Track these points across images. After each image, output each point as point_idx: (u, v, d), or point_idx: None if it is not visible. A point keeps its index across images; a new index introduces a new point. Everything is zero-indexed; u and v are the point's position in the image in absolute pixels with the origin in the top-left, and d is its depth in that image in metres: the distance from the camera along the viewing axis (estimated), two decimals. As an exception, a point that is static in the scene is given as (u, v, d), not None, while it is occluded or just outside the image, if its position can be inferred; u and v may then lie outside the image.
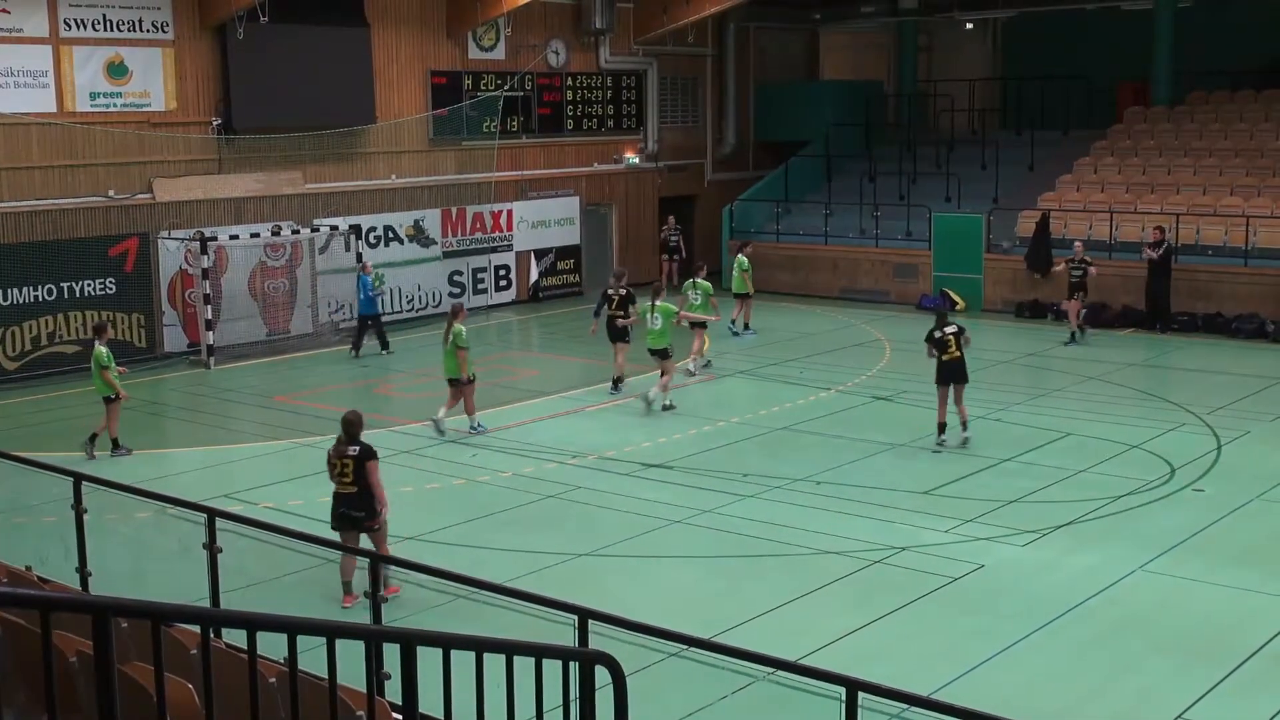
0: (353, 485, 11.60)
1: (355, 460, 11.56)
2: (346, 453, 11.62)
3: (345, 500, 11.65)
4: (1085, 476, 15.43)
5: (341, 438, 11.75)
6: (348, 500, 11.64)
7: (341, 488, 11.66)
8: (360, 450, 11.61)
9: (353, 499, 11.61)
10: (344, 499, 11.66)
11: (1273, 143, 27.94)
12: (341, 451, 11.65)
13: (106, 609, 3.95)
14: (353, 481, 11.59)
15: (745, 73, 34.42)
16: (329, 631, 4.73)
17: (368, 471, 11.57)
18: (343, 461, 11.61)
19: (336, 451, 11.71)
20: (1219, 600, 11.74)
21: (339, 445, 11.72)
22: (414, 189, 27.39)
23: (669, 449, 16.97)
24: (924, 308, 28.05)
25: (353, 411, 11.96)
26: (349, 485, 11.61)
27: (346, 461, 11.59)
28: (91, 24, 22.36)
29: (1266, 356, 22.51)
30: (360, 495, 11.59)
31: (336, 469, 11.65)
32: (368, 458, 11.59)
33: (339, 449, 11.69)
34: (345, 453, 11.62)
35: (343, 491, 11.66)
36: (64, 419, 19.35)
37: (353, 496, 11.60)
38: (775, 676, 8.29)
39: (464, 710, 5.70)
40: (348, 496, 11.63)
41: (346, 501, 11.64)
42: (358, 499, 11.60)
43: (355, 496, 11.60)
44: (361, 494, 11.59)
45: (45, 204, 22.02)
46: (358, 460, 11.56)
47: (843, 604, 11.70)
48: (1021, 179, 29.78)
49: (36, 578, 8.78)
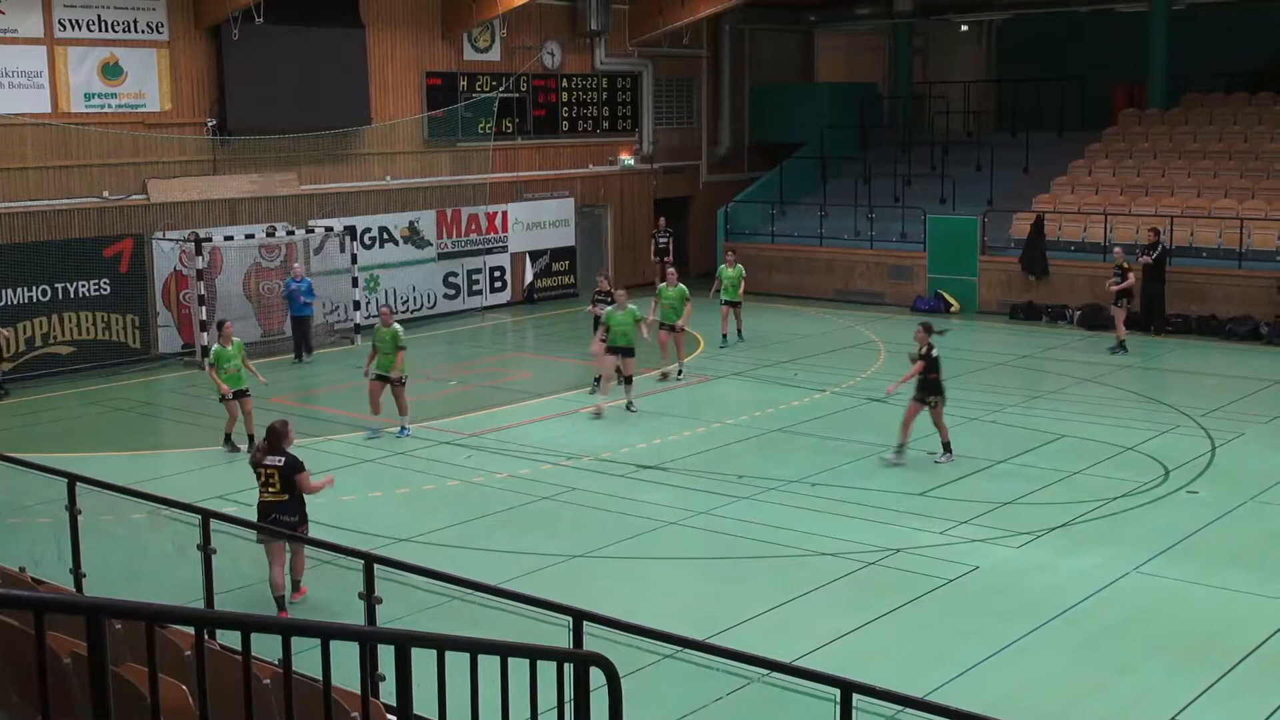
0: (282, 494, 11.46)
1: (280, 471, 11.43)
2: (268, 463, 11.48)
3: (276, 507, 11.49)
4: (1079, 478, 15.44)
5: (262, 446, 11.67)
6: (277, 507, 11.48)
7: (268, 497, 11.51)
8: (286, 462, 11.47)
9: (284, 506, 11.48)
10: (274, 506, 11.50)
11: (1267, 145, 27.98)
12: (260, 460, 11.54)
13: (100, 610, 3.95)
14: (280, 490, 11.45)
15: (740, 74, 34.44)
16: (323, 633, 4.73)
17: (299, 484, 11.48)
18: (266, 471, 11.48)
19: (256, 459, 11.63)
20: (1213, 602, 11.74)
21: (258, 454, 11.63)
22: (409, 190, 27.39)
23: (664, 450, 16.97)
24: (919, 310, 28.09)
25: (280, 421, 11.90)
26: (278, 494, 11.47)
27: (271, 472, 11.46)
28: (86, 24, 22.34)
29: (1260, 358, 22.54)
30: (291, 502, 11.50)
31: (260, 478, 11.52)
32: (295, 471, 11.48)
33: (257, 457, 11.60)
34: (267, 463, 11.48)
35: (269, 499, 11.51)
36: (59, 420, 19.35)
37: (284, 504, 11.48)
38: (770, 678, 8.29)
39: (459, 712, 5.70)
40: (278, 504, 11.49)
41: (276, 508, 11.48)
42: (289, 506, 11.49)
43: (286, 504, 11.49)
44: (293, 501, 11.50)
45: (40, 205, 21.99)
46: (283, 472, 11.44)
47: (837, 605, 11.70)
48: (1016, 181, 29.81)
49: (30, 579, 8.78)
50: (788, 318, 27.30)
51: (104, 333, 22.70)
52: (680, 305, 21.10)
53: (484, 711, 5.67)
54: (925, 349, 16.01)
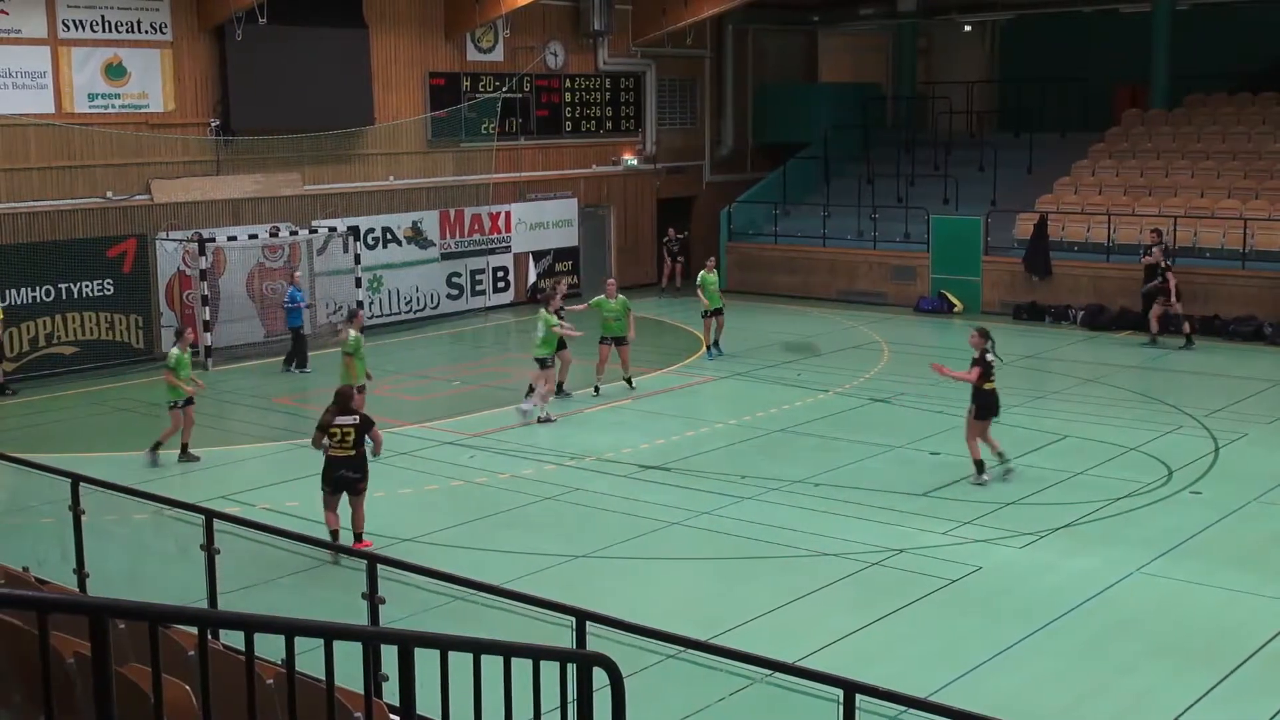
0: (352, 449, 12.59)
1: (356, 428, 12.60)
2: (344, 422, 12.60)
3: (343, 463, 12.57)
4: (1083, 479, 15.43)
5: (332, 408, 12.70)
6: (346, 463, 12.60)
7: (339, 451, 12.62)
8: (362, 419, 12.75)
9: (351, 462, 12.61)
10: (342, 461, 12.63)
11: (1270, 145, 27.96)
12: (331, 421, 12.62)
13: (104, 610, 3.95)
14: (352, 445, 12.58)
15: (743, 74, 34.42)
16: (327, 633, 4.73)
17: (373, 437, 12.87)
18: (342, 429, 12.63)
19: (327, 420, 12.66)
20: (1217, 603, 11.74)
21: (330, 413, 12.66)
22: (412, 190, 27.39)
23: (667, 451, 16.97)
24: (922, 310, 28.10)
25: (346, 386, 13.45)
26: (348, 449, 12.58)
27: (349, 429, 12.63)
28: (90, 25, 22.36)
29: (1264, 359, 22.52)
30: (358, 459, 12.67)
31: (336, 435, 12.57)
32: (369, 427, 12.80)
33: (329, 417, 12.64)
34: (343, 422, 12.60)
35: (341, 455, 12.63)
36: (62, 420, 19.37)
37: (351, 460, 12.61)
38: (773, 678, 8.29)
39: (461, 712, 5.70)
40: (346, 459, 12.64)
41: (345, 464, 12.59)
42: (356, 462, 12.62)
43: (353, 460, 12.61)
44: (358, 458, 12.67)
45: (43, 205, 22.01)
46: (359, 428, 12.68)
47: (840, 606, 11.70)
48: (1019, 181, 29.79)
49: (34, 579, 8.79)
50: (791, 318, 27.28)
51: (107, 333, 22.72)
52: (625, 317, 20.36)
53: (487, 712, 5.67)
54: (981, 354, 15.39)
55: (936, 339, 25.40)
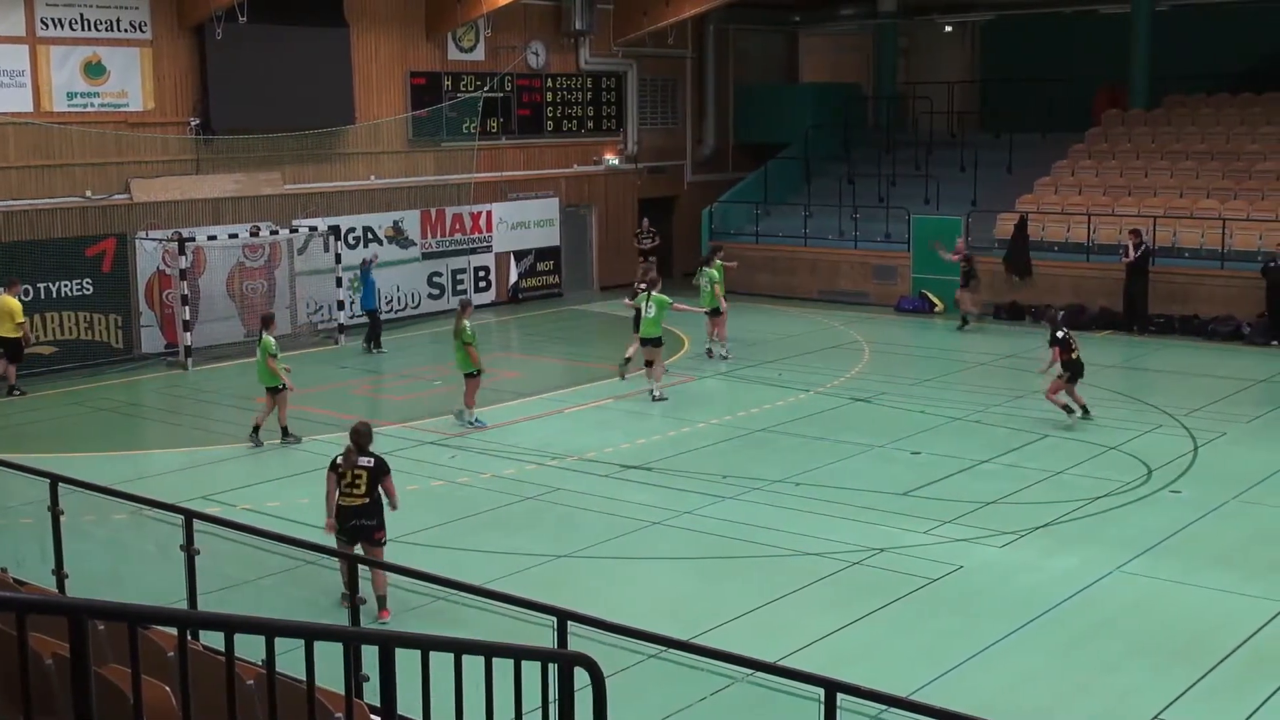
0: (365, 497, 11.44)
1: (369, 473, 11.46)
2: (359, 464, 11.48)
3: (356, 512, 11.45)
4: (1063, 478, 15.49)
5: (351, 449, 11.58)
6: (359, 511, 11.45)
7: (351, 500, 11.46)
8: (375, 464, 11.52)
9: (364, 510, 11.46)
10: (355, 510, 11.45)
11: (1248, 146, 28.10)
12: (353, 463, 11.49)
13: (83, 611, 3.94)
14: (365, 493, 11.44)
15: (725, 74, 34.45)
16: (307, 633, 4.72)
17: (385, 487, 11.52)
18: (354, 473, 11.46)
19: (347, 462, 11.53)
20: (1196, 601, 11.79)
21: (349, 456, 11.53)
22: (393, 190, 27.34)
23: (648, 450, 16.98)
24: (903, 310, 28.16)
25: (362, 423, 11.88)
26: (360, 497, 11.44)
27: (359, 473, 11.45)
28: (69, 23, 22.25)
29: (1243, 358, 22.64)
30: (371, 505, 11.48)
31: (347, 479, 11.47)
32: (384, 472, 11.54)
33: (349, 460, 11.52)
34: (358, 464, 11.48)
35: (352, 504, 11.46)
36: (42, 420, 19.27)
37: (364, 508, 11.46)
38: (754, 678, 8.30)
39: (443, 712, 5.70)
40: (359, 508, 11.45)
41: (358, 513, 11.44)
42: (370, 509, 11.48)
43: (367, 508, 11.47)
44: (373, 504, 11.48)
45: (22, 204, 21.89)
46: (372, 473, 11.47)
47: (821, 605, 11.72)
48: (1000, 181, 29.88)
49: (12, 580, 8.74)
50: (772, 318, 27.31)
51: (86, 333, 22.61)
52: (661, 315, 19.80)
53: (468, 712, 5.67)
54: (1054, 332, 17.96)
55: (918, 339, 25.47)
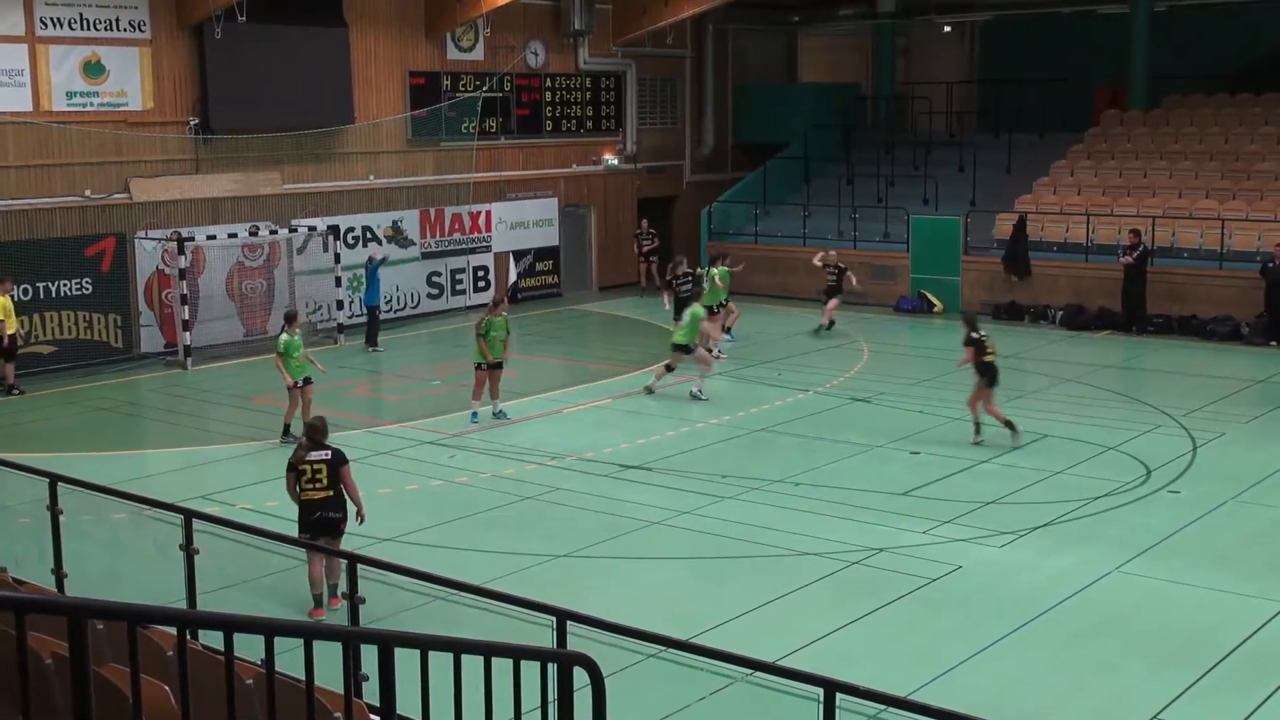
0: (328, 489, 11.39)
1: (328, 465, 11.40)
2: (312, 457, 11.42)
3: (322, 504, 11.40)
4: (1062, 478, 15.50)
5: (304, 443, 11.60)
6: (325, 504, 11.40)
7: (315, 493, 11.39)
8: (333, 454, 11.47)
9: (329, 502, 11.41)
10: (319, 503, 11.40)
11: (1247, 146, 28.12)
12: (302, 456, 11.46)
13: (82, 610, 3.94)
14: (327, 485, 11.39)
15: (724, 74, 34.45)
16: (306, 633, 4.73)
17: (343, 477, 11.46)
18: (312, 467, 11.39)
19: (297, 456, 11.53)
20: (1195, 601, 11.80)
21: (300, 451, 11.53)
22: (392, 190, 27.34)
23: (648, 450, 16.98)
24: (902, 310, 28.16)
25: (318, 417, 11.89)
26: (324, 490, 11.38)
27: (318, 467, 11.39)
28: (68, 23, 22.24)
29: (1241, 358, 22.64)
30: (336, 498, 11.43)
31: (306, 474, 11.40)
32: (342, 462, 11.48)
33: (298, 454, 11.52)
34: (307, 457, 11.43)
35: (317, 496, 11.40)
36: (41, 419, 19.27)
37: (329, 500, 11.41)
38: (753, 677, 8.30)
39: (442, 712, 5.70)
40: (323, 501, 11.40)
41: (323, 505, 11.40)
42: (335, 501, 11.43)
43: (331, 500, 11.42)
44: (337, 497, 11.43)
45: (21, 204, 21.88)
46: (330, 465, 11.41)
47: (820, 605, 11.72)
48: (999, 182, 29.88)
49: (12, 579, 8.74)
50: (771, 317, 27.31)
51: (86, 332, 22.61)
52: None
53: (467, 712, 5.67)
54: (969, 331, 17.64)
55: (917, 339, 25.48)
